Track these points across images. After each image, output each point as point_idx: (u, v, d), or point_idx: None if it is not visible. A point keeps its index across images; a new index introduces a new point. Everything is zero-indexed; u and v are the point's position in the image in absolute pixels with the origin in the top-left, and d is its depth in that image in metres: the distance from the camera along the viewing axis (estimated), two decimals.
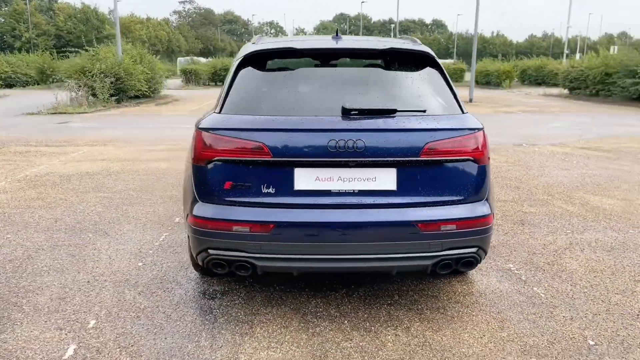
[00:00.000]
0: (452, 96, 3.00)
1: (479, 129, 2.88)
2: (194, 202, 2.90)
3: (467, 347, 2.71)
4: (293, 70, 3.08)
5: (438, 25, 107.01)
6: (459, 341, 2.76)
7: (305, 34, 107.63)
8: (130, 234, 4.46)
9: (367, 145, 2.68)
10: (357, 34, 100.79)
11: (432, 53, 3.14)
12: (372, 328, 2.89)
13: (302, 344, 2.73)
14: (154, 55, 22.50)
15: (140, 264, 3.80)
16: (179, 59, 54.43)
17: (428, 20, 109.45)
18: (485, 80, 33.38)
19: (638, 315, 3.07)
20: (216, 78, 34.20)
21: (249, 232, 2.72)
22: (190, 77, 31.90)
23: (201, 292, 3.34)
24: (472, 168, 2.84)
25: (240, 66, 3.08)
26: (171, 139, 10.19)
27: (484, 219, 2.84)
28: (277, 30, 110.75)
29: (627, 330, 2.88)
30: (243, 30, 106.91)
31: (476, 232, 2.81)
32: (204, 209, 2.83)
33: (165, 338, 2.78)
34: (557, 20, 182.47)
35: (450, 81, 3.08)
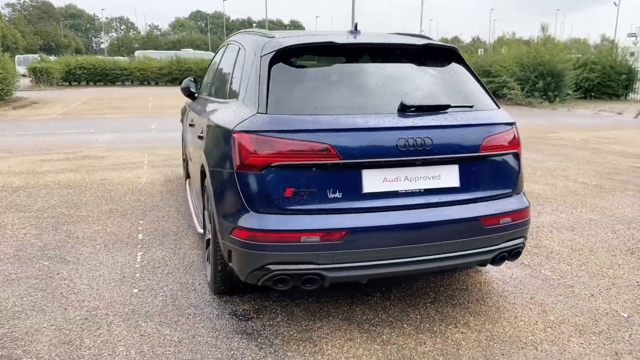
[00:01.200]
0: (484, 91, 3.05)
1: (514, 123, 2.98)
2: (242, 213, 2.58)
3: (531, 334, 2.79)
4: (332, 65, 2.89)
5: (296, 26, 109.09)
6: (520, 329, 2.83)
7: (160, 31, 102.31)
8: (96, 257, 3.84)
9: (434, 143, 2.62)
10: (216, 33, 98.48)
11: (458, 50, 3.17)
12: (435, 328, 2.84)
13: (380, 355, 2.58)
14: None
15: (135, 290, 3.28)
16: (17, 57, 48.29)
17: (286, 21, 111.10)
18: None
19: (638, 284, 3.43)
20: (70, 78, 31.05)
21: (320, 241, 2.49)
22: (42, 77, 28.45)
23: (231, 313, 2.99)
24: (515, 161, 2.93)
25: (273, 61, 2.81)
26: (62, 146, 9.00)
27: (527, 209, 2.94)
28: (128, 26, 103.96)
29: None
30: (88, 25, 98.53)
31: (523, 223, 2.91)
32: (261, 221, 2.53)
33: None
34: (402, 24, 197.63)
35: (478, 77, 3.14)
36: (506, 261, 2.98)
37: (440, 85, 2.98)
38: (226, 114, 2.97)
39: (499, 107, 3.03)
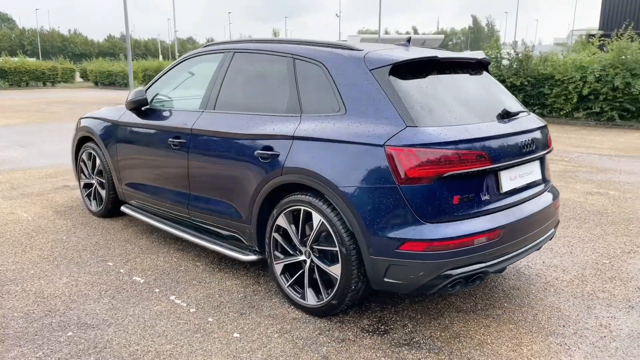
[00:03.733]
0: (513, 97, 3.65)
1: None
2: (412, 225, 2.66)
3: (581, 288, 3.53)
4: (434, 77, 3.07)
5: (3, 19, 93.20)
6: (573, 287, 3.55)
7: None
8: (122, 312, 3.13)
9: (535, 143, 3.11)
10: None
11: None
12: (527, 302, 3.35)
13: (526, 331, 2.96)
14: None
15: (236, 335, 2.89)
16: None
17: None
18: (109, 81, 32.21)
19: (582, 239, 4.56)
20: None
21: (486, 241, 2.74)
22: None
23: (363, 331, 2.93)
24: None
25: (390, 75, 2.89)
26: None
27: None
28: None
29: (605, 248, 4.31)
30: None
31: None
32: (438, 230, 2.65)
33: None
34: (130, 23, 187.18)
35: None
36: None
37: (499, 92, 3.43)
38: (343, 128, 2.86)
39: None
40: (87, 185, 5.21)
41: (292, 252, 3.18)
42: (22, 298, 3.33)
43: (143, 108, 4.30)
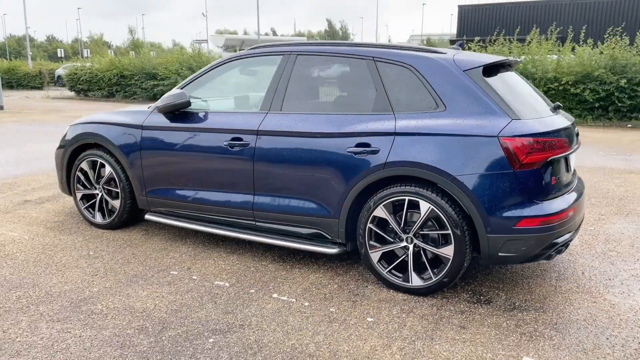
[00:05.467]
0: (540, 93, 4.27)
1: None
2: (527, 205, 3.13)
3: (600, 250, 4.31)
4: (502, 76, 3.55)
5: None
6: (599, 253, 4.31)
7: None
8: (241, 313, 3.13)
9: (577, 133, 3.76)
10: None
11: None
12: (567, 265, 4.00)
13: (598, 287, 3.59)
14: None
15: (369, 319, 3.08)
16: None
17: None
18: None
19: None
20: None
21: (573, 214, 3.31)
22: None
23: (475, 302, 3.32)
24: None
25: (482, 75, 3.33)
26: None
27: None
28: None
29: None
30: None
31: None
32: (547, 207, 3.16)
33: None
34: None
35: None
36: None
37: (533, 88, 4.01)
38: (449, 123, 3.20)
39: None
40: (87, 197, 4.82)
41: (392, 240, 3.44)
42: (116, 316, 3.12)
43: (179, 111, 4.16)
